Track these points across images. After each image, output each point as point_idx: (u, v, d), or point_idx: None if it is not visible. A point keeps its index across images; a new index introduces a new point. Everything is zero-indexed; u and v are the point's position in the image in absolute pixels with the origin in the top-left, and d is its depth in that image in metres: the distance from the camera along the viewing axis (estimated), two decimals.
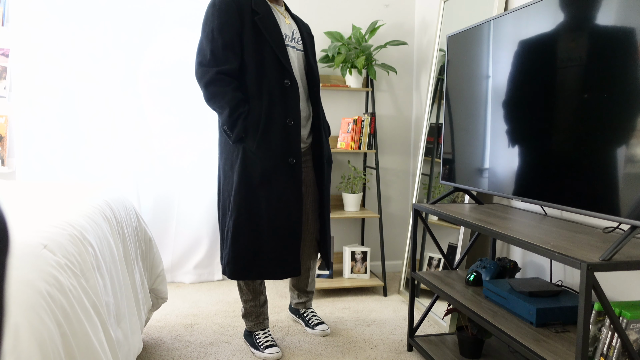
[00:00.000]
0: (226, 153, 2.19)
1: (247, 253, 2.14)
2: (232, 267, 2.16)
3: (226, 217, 2.21)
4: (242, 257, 2.14)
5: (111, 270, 1.58)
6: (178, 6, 3.20)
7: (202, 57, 2.11)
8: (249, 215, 2.12)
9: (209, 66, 2.08)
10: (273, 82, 2.12)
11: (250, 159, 2.11)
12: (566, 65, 1.64)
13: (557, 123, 1.67)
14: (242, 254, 2.14)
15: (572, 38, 1.61)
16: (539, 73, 1.76)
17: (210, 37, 2.10)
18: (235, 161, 2.13)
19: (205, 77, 2.07)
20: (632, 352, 1.38)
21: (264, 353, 2.24)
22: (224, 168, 2.21)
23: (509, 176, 1.93)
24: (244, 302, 2.35)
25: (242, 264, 2.14)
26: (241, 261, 2.14)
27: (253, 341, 2.31)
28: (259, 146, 2.10)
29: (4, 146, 3.11)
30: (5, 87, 3.09)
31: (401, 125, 3.60)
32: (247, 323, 2.36)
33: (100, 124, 3.17)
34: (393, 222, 3.65)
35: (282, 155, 2.13)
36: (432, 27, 3.31)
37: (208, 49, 2.10)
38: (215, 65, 2.08)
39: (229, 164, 2.18)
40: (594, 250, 1.45)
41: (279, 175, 2.13)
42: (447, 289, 2.10)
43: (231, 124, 2.08)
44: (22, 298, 1.04)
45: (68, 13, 3.07)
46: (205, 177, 3.31)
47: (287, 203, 2.15)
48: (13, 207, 1.55)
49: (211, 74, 2.06)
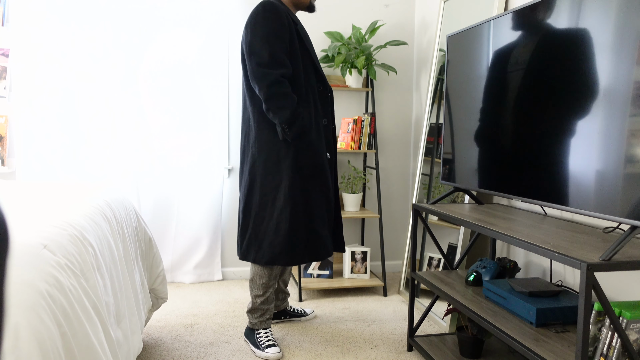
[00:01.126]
0: (268, 150, 2.28)
1: (302, 239, 2.28)
2: (287, 255, 2.27)
3: (271, 209, 2.28)
4: (299, 244, 2.28)
5: (111, 270, 1.58)
6: (178, 6, 3.20)
7: (259, 58, 2.18)
8: (305, 206, 2.29)
9: (270, 68, 2.16)
10: (314, 87, 2.34)
11: (302, 154, 2.28)
12: (568, 65, 1.64)
13: (557, 123, 1.67)
14: (298, 241, 2.28)
15: (573, 37, 1.61)
16: (539, 73, 1.76)
17: (266, 39, 2.17)
18: (285, 157, 2.26)
19: (267, 78, 2.16)
20: (632, 352, 1.38)
21: (265, 352, 2.24)
22: (265, 164, 2.28)
23: (509, 176, 1.93)
24: (253, 297, 2.36)
25: (297, 250, 2.28)
26: (297, 247, 2.28)
27: (254, 339, 2.32)
28: (310, 143, 2.29)
29: (4, 146, 3.11)
30: (5, 87, 3.09)
31: (401, 125, 3.60)
32: (252, 319, 2.37)
33: (100, 124, 3.17)
34: (393, 222, 3.65)
35: (323, 152, 2.35)
36: (432, 27, 3.31)
37: (266, 51, 2.17)
38: (275, 68, 2.17)
39: (272, 159, 2.27)
40: (594, 250, 1.45)
41: (324, 169, 2.34)
42: (447, 289, 2.10)
43: (291, 123, 2.20)
44: (22, 298, 1.04)
45: (68, 13, 3.07)
46: (205, 177, 3.31)
47: (329, 192, 2.38)
48: (13, 207, 1.55)
49: (274, 76, 2.16)
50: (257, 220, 2.31)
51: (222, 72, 3.29)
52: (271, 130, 2.26)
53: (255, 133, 2.30)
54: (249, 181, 2.33)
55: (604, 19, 1.49)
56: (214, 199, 3.31)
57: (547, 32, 1.72)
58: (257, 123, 2.29)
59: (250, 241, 2.32)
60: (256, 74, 2.18)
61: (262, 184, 2.30)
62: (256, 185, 2.31)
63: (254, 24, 2.21)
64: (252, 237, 2.32)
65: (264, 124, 2.27)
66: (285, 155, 2.26)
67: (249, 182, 2.33)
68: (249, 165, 2.33)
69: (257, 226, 2.31)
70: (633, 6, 1.39)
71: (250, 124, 2.33)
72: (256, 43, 2.19)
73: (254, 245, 2.31)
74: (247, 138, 2.36)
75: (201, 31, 3.24)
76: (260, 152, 2.29)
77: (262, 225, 2.30)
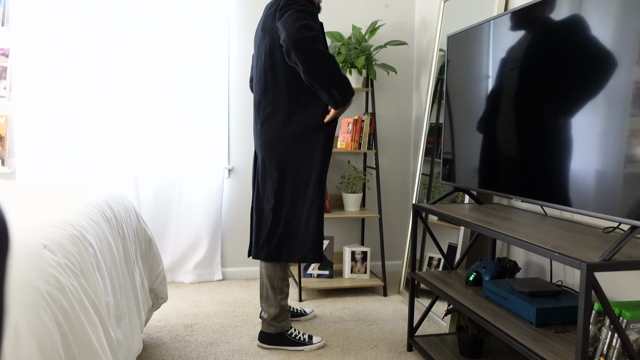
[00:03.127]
0: (299, 143, 2.22)
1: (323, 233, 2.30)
2: (319, 251, 2.26)
3: (302, 204, 2.25)
4: (323, 238, 2.29)
5: (111, 270, 1.58)
6: (178, 6, 3.20)
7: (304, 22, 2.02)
8: (324, 200, 2.29)
9: (312, 30, 2.02)
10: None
11: (328, 144, 2.26)
12: (568, 65, 1.63)
13: (557, 123, 1.67)
14: (323, 236, 2.28)
15: (573, 37, 1.61)
16: (538, 73, 1.76)
17: (308, 16, 2.06)
18: (316, 146, 2.22)
19: (310, 33, 2.01)
20: (632, 352, 1.38)
21: (315, 344, 2.32)
22: (298, 156, 2.22)
23: (509, 176, 1.93)
24: (279, 300, 2.31)
25: (322, 246, 2.29)
26: (322, 243, 2.29)
27: (291, 340, 2.31)
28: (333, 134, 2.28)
29: (4, 146, 3.11)
30: (5, 87, 3.09)
31: (401, 125, 3.60)
32: (279, 324, 2.32)
33: (100, 124, 3.17)
34: (393, 222, 3.65)
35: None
36: (432, 27, 3.31)
37: (308, 19, 2.04)
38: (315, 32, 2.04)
39: (305, 151, 2.23)
40: (594, 250, 1.45)
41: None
42: (447, 289, 2.10)
43: (346, 87, 2.11)
44: (22, 298, 1.04)
45: (68, 13, 3.07)
46: (205, 177, 3.31)
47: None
48: (13, 207, 1.55)
49: (315, 35, 2.01)
50: (289, 217, 2.25)
51: (222, 72, 3.29)
52: (301, 121, 2.20)
53: (282, 125, 2.21)
54: (279, 177, 2.24)
55: (604, 19, 1.49)
56: (214, 199, 3.31)
57: (547, 32, 1.72)
58: (286, 115, 2.20)
59: (281, 240, 2.26)
60: (303, 34, 2.00)
61: (294, 178, 2.24)
62: (287, 181, 2.24)
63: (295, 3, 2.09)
64: (284, 235, 2.26)
65: (294, 115, 2.19)
66: (317, 145, 2.22)
67: (278, 178, 2.24)
68: (276, 160, 2.24)
69: (289, 223, 2.25)
70: (633, 6, 1.39)
71: (274, 117, 2.22)
72: (296, 15, 2.04)
73: (286, 244, 2.26)
74: (269, 133, 2.24)
75: (201, 31, 3.23)
76: (289, 146, 2.21)
77: (294, 222, 2.25)
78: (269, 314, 2.32)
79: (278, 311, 2.31)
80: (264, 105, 2.26)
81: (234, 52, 3.34)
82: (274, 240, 2.26)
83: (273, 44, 2.20)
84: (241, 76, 3.35)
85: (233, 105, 3.36)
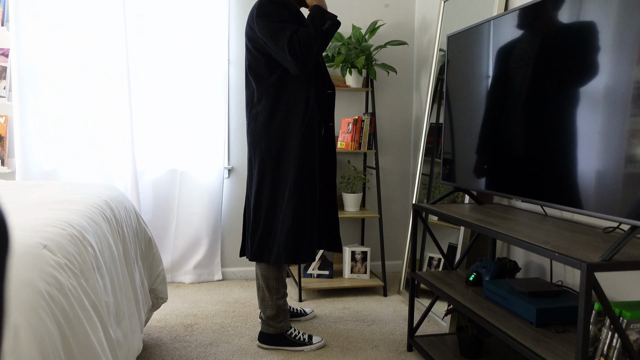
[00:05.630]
0: (278, 144, 2.22)
1: (308, 235, 2.22)
2: (293, 252, 2.20)
3: (280, 205, 2.23)
4: (304, 240, 2.22)
5: (111, 270, 1.58)
6: (178, 6, 3.20)
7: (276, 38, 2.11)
8: (312, 199, 2.23)
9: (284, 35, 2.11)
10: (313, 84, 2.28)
11: (308, 145, 2.22)
12: (569, 64, 1.63)
13: (557, 123, 1.67)
14: (304, 237, 2.22)
15: (573, 37, 1.61)
16: (539, 72, 1.76)
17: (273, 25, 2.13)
18: (295, 148, 2.22)
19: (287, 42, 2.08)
20: (632, 352, 1.38)
21: (314, 345, 2.31)
22: (277, 158, 2.23)
23: (509, 176, 1.93)
24: (276, 300, 2.31)
25: (303, 247, 2.21)
26: (302, 244, 2.21)
27: (290, 340, 2.31)
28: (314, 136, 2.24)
29: (4, 146, 3.11)
30: (5, 87, 3.09)
31: (401, 125, 3.60)
32: (278, 324, 2.32)
33: (100, 124, 3.17)
34: (393, 222, 3.65)
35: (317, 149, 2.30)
36: (432, 27, 3.31)
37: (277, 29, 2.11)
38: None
39: (285, 152, 2.23)
40: (594, 250, 1.45)
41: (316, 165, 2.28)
42: (447, 289, 2.10)
43: (322, 19, 2.15)
44: (22, 298, 1.04)
45: (68, 13, 3.07)
46: (205, 177, 3.31)
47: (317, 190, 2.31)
48: (13, 207, 1.55)
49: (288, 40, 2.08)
50: (268, 217, 2.25)
51: (222, 72, 3.28)
52: (281, 121, 2.21)
53: (264, 126, 2.23)
54: (259, 178, 2.26)
55: (605, 19, 1.48)
56: (213, 199, 3.31)
57: (547, 32, 1.72)
58: (267, 116, 2.22)
59: (262, 240, 2.26)
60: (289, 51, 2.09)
61: (273, 179, 2.25)
62: (266, 182, 2.26)
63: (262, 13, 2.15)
64: (264, 236, 2.26)
65: (274, 117, 2.21)
66: (295, 147, 2.21)
67: (258, 179, 2.26)
68: (259, 161, 2.26)
69: (269, 224, 2.25)
70: (633, 5, 1.39)
71: (258, 119, 2.26)
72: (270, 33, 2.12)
73: (267, 245, 2.26)
74: (254, 134, 2.28)
75: (201, 31, 3.23)
76: (269, 146, 2.23)
77: (273, 223, 2.25)
78: (266, 314, 2.32)
79: (275, 312, 2.31)
80: (250, 107, 2.32)
81: (234, 52, 3.34)
82: (256, 241, 2.28)
83: (252, 49, 2.24)
84: (241, 76, 3.35)
85: (233, 105, 3.36)
